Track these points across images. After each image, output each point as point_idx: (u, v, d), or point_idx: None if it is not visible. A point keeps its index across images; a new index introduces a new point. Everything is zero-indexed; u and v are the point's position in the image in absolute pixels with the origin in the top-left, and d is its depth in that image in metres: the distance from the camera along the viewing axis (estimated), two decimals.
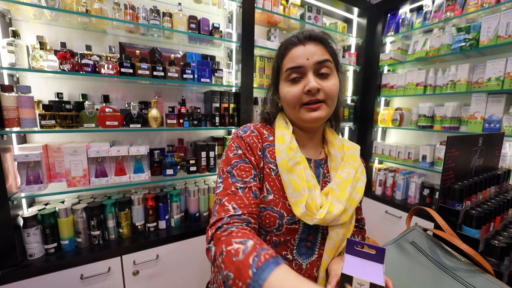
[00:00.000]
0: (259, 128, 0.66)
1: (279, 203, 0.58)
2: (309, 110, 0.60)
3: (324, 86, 0.59)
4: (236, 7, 1.59)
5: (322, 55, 0.59)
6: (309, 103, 0.59)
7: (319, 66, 0.59)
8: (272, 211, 0.58)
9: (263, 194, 0.60)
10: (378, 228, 2.09)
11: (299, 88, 0.59)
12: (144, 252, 1.29)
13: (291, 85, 0.61)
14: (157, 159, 1.44)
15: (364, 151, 2.27)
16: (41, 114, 1.11)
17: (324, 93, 0.59)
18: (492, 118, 1.48)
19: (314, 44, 0.59)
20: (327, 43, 0.61)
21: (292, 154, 0.59)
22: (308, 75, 0.59)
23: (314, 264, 0.60)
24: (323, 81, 0.59)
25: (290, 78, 0.60)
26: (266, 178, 0.61)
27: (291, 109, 0.62)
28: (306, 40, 0.60)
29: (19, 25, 1.23)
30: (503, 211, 0.71)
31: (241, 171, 0.59)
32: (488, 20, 1.45)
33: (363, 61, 2.18)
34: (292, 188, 0.57)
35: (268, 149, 0.63)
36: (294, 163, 0.59)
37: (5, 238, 1.05)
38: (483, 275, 0.50)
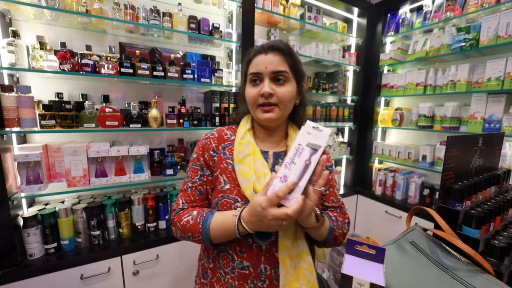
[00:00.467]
0: (222, 130, 0.77)
1: (234, 190, 0.68)
2: (262, 111, 0.69)
3: (277, 92, 0.67)
4: (236, 7, 1.59)
5: (279, 65, 0.67)
6: (263, 105, 0.68)
7: (275, 74, 0.67)
8: (228, 198, 0.68)
9: (220, 185, 0.70)
10: (378, 228, 2.09)
11: (257, 90, 0.68)
12: (144, 252, 1.29)
13: (252, 87, 0.70)
14: (157, 159, 1.44)
15: (364, 151, 2.27)
16: (41, 114, 1.11)
17: (277, 98, 0.67)
18: (492, 118, 1.48)
19: (274, 54, 0.68)
20: (287, 54, 0.69)
21: (242, 148, 0.69)
22: (265, 80, 0.67)
23: (272, 245, 0.66)
24: (278, 87, 0.68)
25: (252, 81, 0.70)
26: (223, 171, 0.71)
27: (250, 107, 0.72)
28: (268, 49, 0.68)
29: (19, 25, 1.23)
30: (503, 211, 0.71)
31: (192, 173, 0.73)
32: (488, 20, 1.45)
33: (363, 61, 2.18)
34: (242, 176, 0.66)
35: (228, 147, 0.73)
36: (244, 155, 0.68)
37: (5, 238, 1.05)
38: (483, 275, 0.50)
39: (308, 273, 0.65)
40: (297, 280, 0.63)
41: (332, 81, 2.18)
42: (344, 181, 2.42)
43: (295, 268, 0.64)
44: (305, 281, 0.64)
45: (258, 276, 0.65)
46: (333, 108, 2.10)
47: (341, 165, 2.41)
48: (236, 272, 0.66)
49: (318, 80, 2.13)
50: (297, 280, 0.63)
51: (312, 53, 1.94)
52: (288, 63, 0.69)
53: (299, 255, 0.65)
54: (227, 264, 0.68)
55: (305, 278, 0.64)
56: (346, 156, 2.28)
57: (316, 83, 2.11)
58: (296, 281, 0.63)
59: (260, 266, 0.65)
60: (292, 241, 0.65)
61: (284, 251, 0.64)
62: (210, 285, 0.72)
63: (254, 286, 0.65)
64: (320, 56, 1.97)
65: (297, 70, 0.71)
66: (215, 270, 0.71)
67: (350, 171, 2.35)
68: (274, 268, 0.65)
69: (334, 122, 2.13)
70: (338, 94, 2.16)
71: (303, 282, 0.64)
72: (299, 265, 0.65)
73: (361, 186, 2.28)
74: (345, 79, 2.19)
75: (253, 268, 0.65)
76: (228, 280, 0.67)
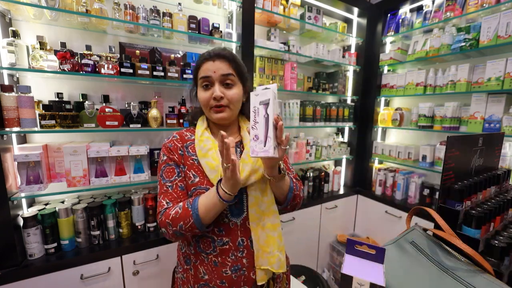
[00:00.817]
0: (182, 132, 0.84)
1: (204, 181, 0.76)
2: (215, 112, 0.77)
3: (227, 94, 0.76)
4: (236, 7, 1.59)
5: (226, 70, 0.76)
6: (215, 106, 0.76)
7: (223, 78, 0.76)
8: (200, 188, 0.75)
9: (190, 179, 0.77)
10: (378, 228, 2.09)
11: (209, 94, 0.76)
12: (144, 252, 1.29)
13: (204, 90, 0.78)
14: (157, 159, 1.44)
15: (364, 151, 2.27)
16: (41, 114, 1.11)
17: (228, 99, 0.76)
18: (492, 118, 1.48)
19: (221, 60, 0.76)
20: (232, 60, 0.77)
21: (202, 144, 0.77)
22: (216, 84, 0.76)
23: (245, 219, 0.78)
24: (227, 90, 0.77)
25: (203, 85, 0.77)
26: (190, 167, 0.78)
27: (204, 109, 0.80)
28: (215, 57, 0.76)
29: (19, 25, 1.23)
30: (503, 211, 0.71)
31: (167, 173, 0.78)
32: (488, 20, 1.46)
33: (363, 61, 2.18)
34: (208, 168, 0.75)
35: (190, 146, 0.81)
36: (207, 150, 0.76)
37: (5, 238, 1.05)
38: (483, 275, 0.50)
39: (278, 240, 0.78)
40: (269, 246, 0.76)
41: (332, 81, 2.18)
42: (344, 181, 2.42)
43: (266, 236, 0.76)
44: (275, 246, 0.77)
45: (237, 248, 0.76)
46: (333, 108, 2.10)
47: (341, 165, 2.41)
48: (218, 249, 0.75)
49: (318, 80, 2.13)
50: (269, 245, 0.76)
51: (312, 53, 1.94)
52: (233, 67, 0.77)
53: (269, 226, 0.77)
54: (208, 246, 0.76)
55: (275, 244, 0.77)
56: (346, 156, 2.28)
57: (316, 83, 2.11)
58: (268, 246, 0.76)
59: (238, 239, 0.76)
60: (260, 214, 0.77)
61: (254, 222, 0.76)
62: (194, 268, 0.79)
63: (235, 257, 0.76)
64: (320, 56, 1.97)
65: (241, 74, 0.80)
66: (197, 254, 0.78)
67: (350, 171, 2.35)
68: (249, 238, 0.77)
69: (334, 122, 2.13)
70: (338, 94, 2.16)
71: (274, 247, 0.76)
72: (271, 234, 0.77)
73: (361, 186, 2.28)
74: (345, 79, 2.19)
75: (232, 242, 0.75)
76: (211, 259, 0.76)
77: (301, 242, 1.95)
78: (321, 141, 2.11)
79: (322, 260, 2.15)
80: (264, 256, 0.76)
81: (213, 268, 0.76)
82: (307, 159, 2.02)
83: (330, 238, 2.17)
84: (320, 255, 2.12)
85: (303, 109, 1.93)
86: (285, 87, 1.91)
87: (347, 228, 2.28)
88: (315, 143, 2.06)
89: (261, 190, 0.78)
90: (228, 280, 0.75)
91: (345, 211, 2.21)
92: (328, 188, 2.17)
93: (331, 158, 2.16)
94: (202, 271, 0.77)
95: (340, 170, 2.26)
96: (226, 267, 0.75)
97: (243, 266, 0.76)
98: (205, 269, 0.77)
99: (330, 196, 2.10)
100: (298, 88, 1.95)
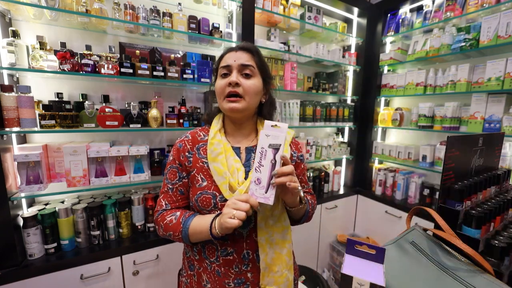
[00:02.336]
0: (195, 132, 0.82)
1: (212, 186, 0.72)
2: (229, 102, 0.73)
3: (244, 83, 0.73)
4: (236, 7, 1.59)
5: (247, 61, 0.74)
6: (229, 95, 0.73)
7: (242, 67, 0.73)
8: (207, 194, 0.72)
9: (198, 183, 0.74)
10: (378, 228, 2.09)
11: (225, 81, 0.73)
12: (144, 252, 1.29)
13: (221, 79, 0.75)
14: (157, 159, 1.44)
15: (364, 151, 2.27)
16: (41, 114, 1.11)
17: (243, 89, 0.72)
18: (492, 118, 1.48)
19: (243, 52, 0.75)
20: (255, 53, 0.77)
21: (213, 147, 0.74)
22: (233, 72, 0.73)
23: (252, 231, 0.73)
24: (245, 79, 0.73)
25: (221, 73, 0.75)
26: (199, 170, 0.75)
27: (219, 99, 0.76)
28: (239, 49, 0.76)
29: (19, 25, 1.23)
30: (503, 211, 0.71)
31: (170, 175, 0.77)
32: (488, 20, 1.45)
33: (363, 61, 2.17)
34: (217, 174, 0.72)
35: (202, 147, 0.78)
36: (216, 154, 0.73)
37: (5, 238, 1.05)
38: (483, 275, 0.50)
39: (287, 258, 0.75)
40: (276, 264, 0.72)
41: (332, 81, 2.18)
42: (344, 181, 2.42)
43: (275, 253, 0.73)
44: (284, 265, 0.74)
45: (242, 261, 0.72)
46: (333, 108, 2.10)
47: (341, 165, 2.40)
48: (221, 259, 0.72)
49: (318, 80, 2.13)
50: (276, 264, 0.72)
51: (312, 53, 1.94)
52: (255, 60, 0.76)
53: (279, 242, 0.73)
54: (212, 254, 0.73)
55: (284, 262, 0.74)
56: (346, 156, 2.28)
57: (316, 83, 2.11)
58: (276, 265, 0.72)
59: (243, 252, 0.72)
60: (269, 228, 0.72)
61: (262, 237, 0.71)
62: (198, 275, 0.77)
63: (239, 270, 0.72)
64: (320, 56, 1.97)
65: (263, 69, 0.78)
66: (201, 261, 0.76)
67: (350, 171, 2.35)
68: (255, 252, 0.73)
69: (334, 122, 2.13)
70: (338, 94, 2.16)
71: (282, 266, 0.73)
72: (280, 251, 0.73)
73: (361, 186, 2.28)
74: (345, 79, 2.19)
75: (236, 254, 0.72)
76: (214, 268, 0.73)
77: (301, 242, 1.95)
78: (321, 141, 2.11)
79: (322, 260, 2.15)
80: (271, 276, 0.72)
81: (215, 277, 0.73)
82: (307, 159, 2.02)
83: (330, 238, 2.17)
84: (320, 255, 2.12)
85: (303, 109, 1.93)
86: (285, 87, 1.91)
87: (347, 228, 2.28)
88: (315, 143, 2.06)
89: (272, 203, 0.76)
90: None
91: (345, 211, 2.21)
92: (328, 188, 2.17)
93: (331, 158, 2.16)
94: (205, 279, 0.75)
95: (340, 170, 2.26)
96: (229, 278, 0.72)
97: (247, 280, 0.73)
98: (208, 277, 0.74)
99: (330, 196, 2.10)
100: (298, 88, 1.95)
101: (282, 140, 0.61)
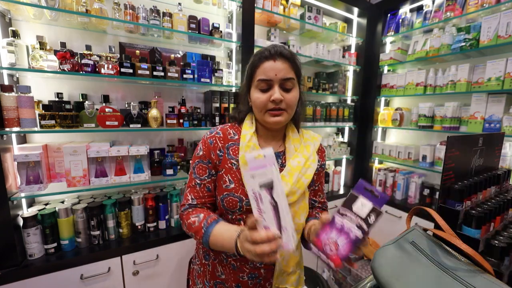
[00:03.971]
0: (226, 129, 0.79)
1: (239, 190, 0.72)
2: (272, 116, 0.72)
3: (286, 98, 0.71)
4: (236, 7, 1.59)
5: (287, 73, 0.71)
6: (273, 109, 0.71)
7: (284, 81, 0.71)
8: (234, 196, 0.72)
9: (225, 184, 0.74)
10: (378, 228, 2.09)
11: (267, 96, 0.71)
12: (144, 252, 1.29)
13: (261, 92, 0.72)
14: (157, 159, 1.44)
15: (364, 151, 2.27)
16: (41, 114, 1.11)
17: (286, 103, 0.72)
18: (492, 118, 1.48)
19: (282, 61, 0.71)
20: (293, 61, 0.73)
21: (248, 151, 0.72)
22: (275, 87, 0.70)
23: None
24: (286, 93, 0.72)
25: (260, 87, 0.72)
26: (228, 171, 0.74)
27: (258, 112, 0.74)
28: (276, 56, 0.70)
29: (19, 25, 1.23)
30: (503, 211, 0.71)
31: (199, 170, 0.76)
32: (488, 20, 1.45)
33: (363, 61, 2.17)
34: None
35: (232, 147, 0.76)
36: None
37: (5, 238, 1.05)
38: (483, 275, 0.50)
39: (300, 258, 0.81)
40: (290, 266, 0.76)
41: (332, 81, 2.18)
42: (344, 181, 2.42)
43: (290, 256, 0.76)
44: (296, 265, 0.78)
45: None
46: (333, 108, 2.10)
47: (341, 165, 2.40)
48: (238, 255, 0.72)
49: (318, 80, 2.13)
50: (290, 266, 0.76)
51: (312, 53, 1.94)
52: (294, 70, 0.73)
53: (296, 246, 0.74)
54: None
55: (296, 262, 0.78)
56: (346, 156, 2.28)
57: (316, 83, 2.11)
58: (289, 266, 0.76)
59: None
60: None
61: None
62: (213, 265, 0.79)
63: (254, 265, 0.74)
64: (320, 56, 1.97)
65: (300, 76, 0.76)
66: (217, 253, 0.77)
67: (350, 171, 2.35)
68: None
69: (334, 122, 2.13)
70: (338, 94, 2.16)
71: (295, 266, 0.78)
72: (294, 254, 0.77)
73: None
74: (345, 79, 2.19)
75: None
76: (230, 262, 0.75)
77: None
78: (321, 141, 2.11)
79: None
80: (284, 276, 0.75)
81: (230, 270, 0.76)
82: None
83: None
84: None
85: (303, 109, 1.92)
86: None
87: None
88: None
89: (295, 212, 0.75)
90: (244, 285, 0.75)
91: None
92: (328, 188, 2.17)
93: (331, 158, 2.16)
94: (219, 270, 0.77)
95: (340, 170, 2.26)
96: (244, 273, 0.75)
97: (260, 275, 0.76)
98: (222, 269, 0.77)
99: (330, 196, 2.09)
100: None
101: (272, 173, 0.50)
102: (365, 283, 0.71)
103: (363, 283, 0.72)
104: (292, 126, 0.83)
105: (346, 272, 2.02)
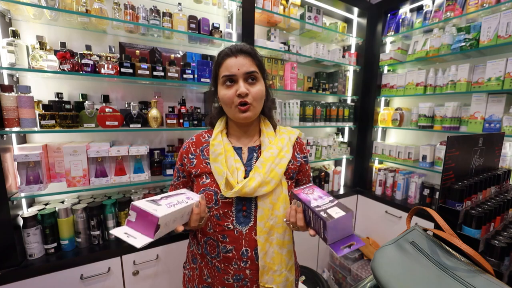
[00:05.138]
0: (200, 134, 0.86)
1: (213, 184, 0.76)
2: (240, 111, 0.74)
3: (251, 91, 0.73)
4: (236, 7, 1.59)
5: (250, 67, 0.74)
6: (240, 104, 0.73)
7: (247, 75, 0.74)
8: (209, 190, 0.75)
9: (202, 180, 0.78)
10: (378, 228, 2.09)
11: (233, 91, 0.73)
12: (144, 252, 1.29)
13: (227, 88, 0.75)
14: (157, 159, 1.44)
15: (364, 151, 2.27)
16: (41, 114, 1.11)
17: (252, 97, 0.74)
18: (492, 118, 1.48)
19: (243, 56, 0.74)
20: (255, 56, 0.76)
21: (213, 148, 0.77)
22: (239, 81, 0.73)
23: (252, 229, 0.75)
24: (251, 86, 0.74)
25: (226, 83, 0.75)
26: (203, 170, 0.78)
27: (228, 108, 0.76)
28: (237, 52, 0.74)
29: (19, 25, 1.23)
30: (503, 211, 0.71)
31: (175, 173, 0.86)
32: (488, 20, 1.45)
33: (363, 61, 2.17)
34: (217, 173, 0.75)
35: (205, 149, 0.81)
36: (217, 155, 0.76)
37: (5, 238, 1.05)
38: (483, 275, 0.50)
39: (287, 258, 0.77)
40: (276, 264, 0.74)
41: (332, 81, 2.18)
42: (344, 181, 2.42)
43: (274, 253, 0.75)
44: (284, 265, 0.76)
45: (241, 258, 0.74)
46: (333, 108, 2.09)
47: (341, 165, 2.40)
48: (221, 256, 0.75)
49: (318, 80, 2.13)
50: (276, 263, 0.74)
51: (312, 53, 1.94)
52: (256, 64, 0.76)
53: (279, 242, 0.75)
54: (213, 250, 0.77)
55: (283, 262, 0.76)
56: (346, 156, 2.28)
57: (316, 83, 2.11)
58: (275, 264, 0.74)
59: (242, 249, 0.74)
60: (269, 228, 0.74)
61: (262, 236, 0.74)
62: (200, 269, 0.81)
63: (238, 266, 0.75)
64: (320, 56, 1.97)
65: (263, 69, 0.79)
66: (203, 256, 0.80)
67: (350, 171, 2.35)
68: (254, 250, 0.75)
69: (334, 122, 2.13)
70: (338, 94, 2.16)
71: (282, 265, 0.75)
72: (280, 251, 0.75)
73: (361, 186, 2.28)
74: (345, 79, 2.19)
75: (235, 251, 0.74)
76: (215, 264, 0.77)
77: (301, 242, 1.94)
78: (321, 141, 2.11)
79: (322, 260, 2.15)
80: (270, 274, 0.74)
81: (215, 273, 0.77)
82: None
83: None
84: (320, 255, 2.12)
85: (303, 109, 1.93)
86: (285, 87, 1.91)
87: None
88: (315, 143, 2.06)
89: (273, 203, 0.75)
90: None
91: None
92: (328, 188, 2.17)
93: (331, 158, 2.16)
94: (206, 273, 0.79)
95: (340, 170, 2.26)
96: (229, 275, 0.75)
97: (246, 277, 0.75)
98: (208, 272, 0.79)
99: None
100: (298, 88, 1.95)
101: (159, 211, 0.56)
102: (365, 283, 0.71)
103: (363, 283, 0.72)
104: (266, 121, 0.86)
105: (346, 272, 2.02)
